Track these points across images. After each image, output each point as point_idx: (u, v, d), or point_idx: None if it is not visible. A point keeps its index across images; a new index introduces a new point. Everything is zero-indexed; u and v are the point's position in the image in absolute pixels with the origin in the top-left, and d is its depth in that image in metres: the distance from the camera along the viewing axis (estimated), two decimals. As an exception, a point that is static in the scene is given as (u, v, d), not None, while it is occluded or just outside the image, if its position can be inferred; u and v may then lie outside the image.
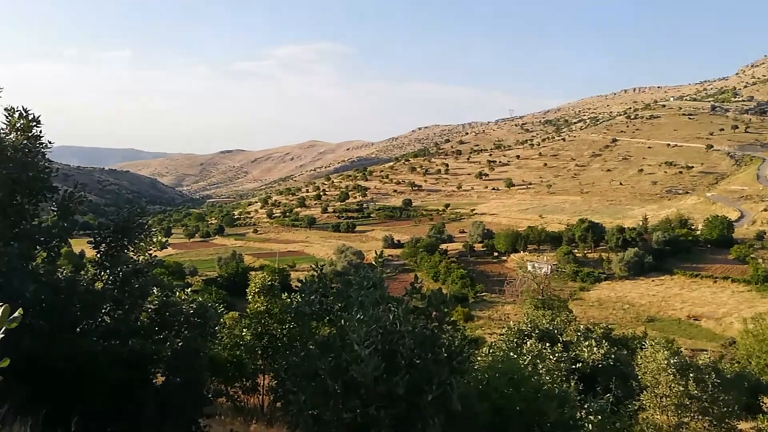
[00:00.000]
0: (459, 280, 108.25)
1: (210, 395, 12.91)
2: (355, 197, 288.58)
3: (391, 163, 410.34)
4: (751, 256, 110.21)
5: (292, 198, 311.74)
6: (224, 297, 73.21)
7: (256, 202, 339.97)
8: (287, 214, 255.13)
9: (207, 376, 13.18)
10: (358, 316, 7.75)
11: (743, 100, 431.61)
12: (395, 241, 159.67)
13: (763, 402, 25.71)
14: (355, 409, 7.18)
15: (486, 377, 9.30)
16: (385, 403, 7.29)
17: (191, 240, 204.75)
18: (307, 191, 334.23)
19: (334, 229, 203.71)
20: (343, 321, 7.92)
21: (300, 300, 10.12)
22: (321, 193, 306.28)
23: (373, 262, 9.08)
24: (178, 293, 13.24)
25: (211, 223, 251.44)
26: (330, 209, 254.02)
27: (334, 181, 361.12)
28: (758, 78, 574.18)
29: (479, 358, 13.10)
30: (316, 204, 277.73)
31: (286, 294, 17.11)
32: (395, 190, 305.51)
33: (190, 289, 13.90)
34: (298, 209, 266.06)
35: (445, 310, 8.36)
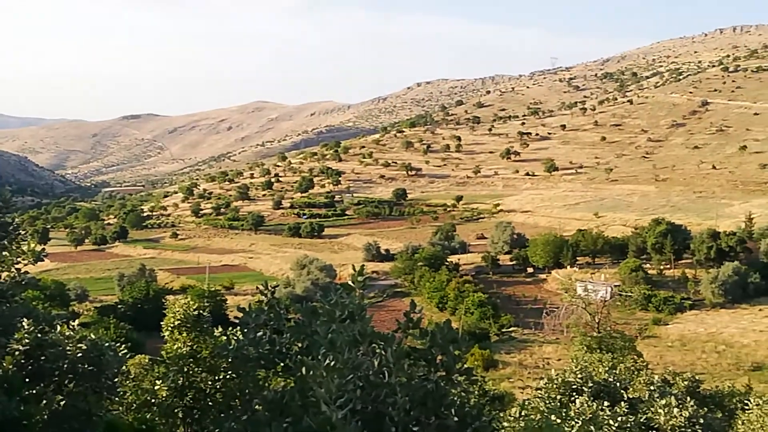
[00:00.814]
0: (476, 308, 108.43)
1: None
2: (324, 186, 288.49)
3: (377, 136, 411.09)
4: None
5: (230, 187, 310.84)
6: (128, 333, 73.11)
7: (176, 193, 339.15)
8: (222, 210, 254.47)
9: (103, 450, 13.10)
10: (328, 361, 7.75)
11: None
12: (382, 251, 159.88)
13: None
14: (323, 499, 7.22)
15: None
16: (368, 490, 7.33)
17: (79, 248, 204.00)
18: (252, 176, 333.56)
19: (292, 232, 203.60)
20: (305, 369, 7.91)
21: (241, 338, 10.09)
22: (273, 180, 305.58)
23: (351, 282, 9.09)
24: (59, 328, 13.16)
25: (109, 224, 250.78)
26: (286, 203, 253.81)
27: (292, 161, 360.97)
28: None
29: (506, 424, 13.16)
30: (265, 196, 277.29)
31: (220, 329, 17.05)
32: (383, 176, 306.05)
33: (77, 321, 13.87)
34: (239, 203, 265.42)
35: (457, 352, 8.39)
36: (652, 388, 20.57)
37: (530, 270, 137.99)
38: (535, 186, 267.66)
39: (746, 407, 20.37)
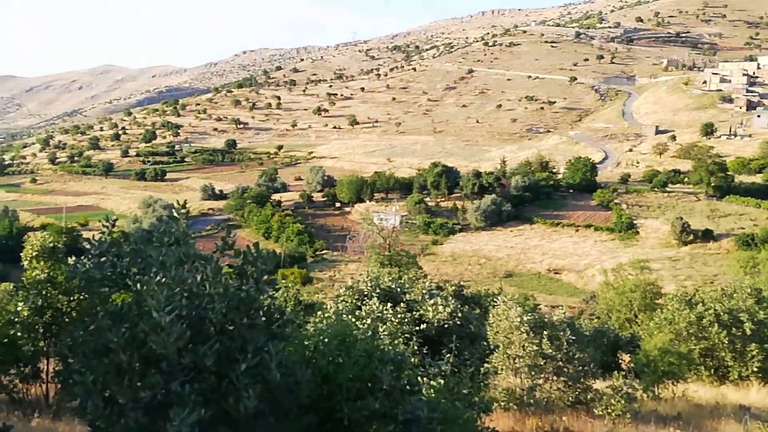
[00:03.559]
0: (295, 236, 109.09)
1: (-25, 386, 12.42)
2: (165, 137, 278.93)
3: (210, 95, 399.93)
4: (615, 201, 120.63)
5: (82, 138, 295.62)
6: (-6, 266, 69.10)
7: (34, 144, 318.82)
8: (76, 158, 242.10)
9: (-30, 362, 12.65)
10: (158, 278, 7.81)
11: (609, 27, 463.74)
12: (217, 192, 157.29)
13: (621, 359, 28.74)
14: (155, 386, 7.33)
15: (314, 342, 9.74)
16: (192, 377, 7.50)
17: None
18: (102, 129, 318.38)
19: (139, 177, 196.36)
20: (140, 285, 7.94)
21: (88, 263, 9.91)
22: (120, 132, 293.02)
23: (175, 214, 9.10)
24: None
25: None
26: (132, 152, 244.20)
27: (137, 116, 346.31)
28: (626, 2, 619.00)
29: (311, 325, 13.55)
30: (113, 146, 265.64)
31: (74, 259, 16.57)
32: (216, 129, 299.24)
33: (-58, 255, 13.15)
34: (91, 152, 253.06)
35: (264, 267, 8.61)
36: (424, 291, 21.60)
37: (338, 205, 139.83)
38: (341, 137, 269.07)
39: (496, 304, 21.79)
